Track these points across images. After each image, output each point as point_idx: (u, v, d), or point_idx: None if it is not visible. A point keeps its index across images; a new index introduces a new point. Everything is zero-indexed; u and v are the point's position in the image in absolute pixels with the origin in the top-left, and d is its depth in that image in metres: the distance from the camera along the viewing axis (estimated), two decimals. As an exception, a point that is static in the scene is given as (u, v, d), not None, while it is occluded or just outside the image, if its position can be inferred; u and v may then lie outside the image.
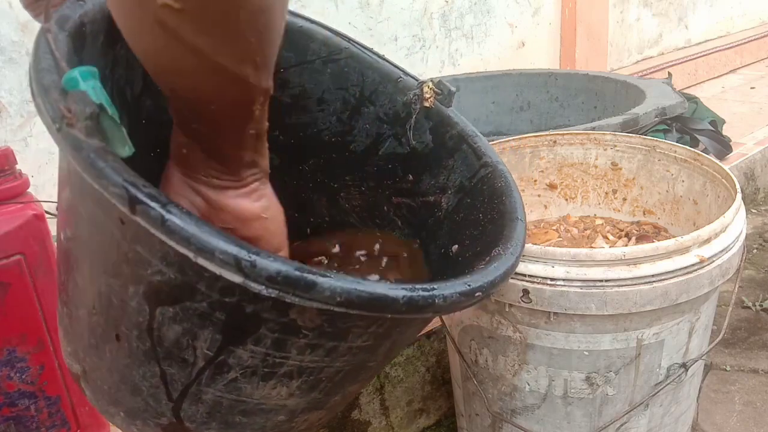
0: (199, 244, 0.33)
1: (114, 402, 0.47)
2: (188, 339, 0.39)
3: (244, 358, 0.40)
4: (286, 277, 0.34)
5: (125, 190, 0.33)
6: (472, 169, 0.60)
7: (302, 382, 0.43)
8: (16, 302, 0.75)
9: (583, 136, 1.10)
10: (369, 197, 0.66)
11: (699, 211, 0.99)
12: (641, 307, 0.73)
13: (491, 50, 2.12)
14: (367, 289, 0.36)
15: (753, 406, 1.21)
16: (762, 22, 3.33)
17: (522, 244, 0.51)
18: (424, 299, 0.38)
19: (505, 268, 0.46)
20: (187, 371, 0.41)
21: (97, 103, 0.34)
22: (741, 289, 1.58)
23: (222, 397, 0.42)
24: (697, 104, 1.79)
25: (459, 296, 0.41)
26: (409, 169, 0.63)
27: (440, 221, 0.61)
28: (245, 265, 0.33)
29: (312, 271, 0.35)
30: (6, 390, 0.77)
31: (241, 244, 0.34)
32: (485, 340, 0.85)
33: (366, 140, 0.64)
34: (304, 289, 0.34)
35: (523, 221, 0.53)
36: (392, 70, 0.63)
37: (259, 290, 0.34)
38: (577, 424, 0.84)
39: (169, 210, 0.33)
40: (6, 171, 0.76)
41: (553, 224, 1.12)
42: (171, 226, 0.33)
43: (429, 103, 0.62)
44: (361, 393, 1.07)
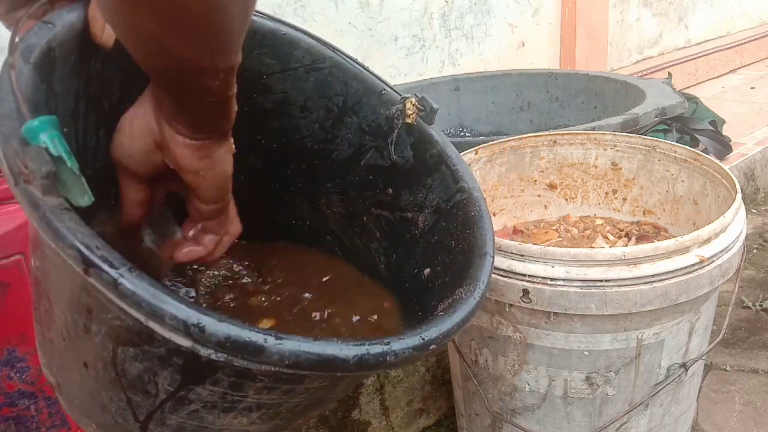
0: (150, 308, 0.34)
1: (86, 415, 0.48)
2: (149, 375, 0.40)
3: (204, 395, 0.41)
4: (234, 342, 0.35)
5: (79, 253, 0.34)
6: (449, 192, 0.60)
7: (262, 413, 0.44)
8: (16, 302, 0.75)
9: (583, 136, 1.10)
10: (350, 206, 0.66)
11: (699, 211, 0.99)
12: (641, 307, 0.73)
13: (491, 50, 2.12)
14: (316, 351, 0.36)
15: (753, 406, 1.21)
16: (762, 22, 3.33)
17: (486, 283, 0.51)
18: (375, 357, 0.38)
19: (463, 315, 0.46)
20: (150, 400, 0.42)
21: (56, 156, 0.35)
22: (741, 289, 1.58)
23: (185, 423, 0.43)
24: (697, 104, 1.79)
25: (411, 351, 0.41)
26: (389, 182, 0.63)
27: (416, 240, 0.61)
28: (194, 330, 0.34)
29: (262, 334, 0.35)
30: (6, 390, 0.77)
31: (192, 309, 0.34)
32: (485, 340, 0.85)
33: (348, 150, 0.64)
34: (252, 353, 0.35)
35: (492, 256, 0.54)
36: (376, 82, 0.63)
37: (208, 354, 0.35)
38: (577, 424, 0.84)
39: (121, 273, 0.34)
40: (6, 171, 0.76)
41: (553, 224, 1.12)
42: (123, 290, 0.34)
43: (411, 119, 0.61)
44: (361, 393, 1.07)
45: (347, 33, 1.69)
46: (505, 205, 1.13)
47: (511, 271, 0.76)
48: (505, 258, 0.77)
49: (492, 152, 1.07)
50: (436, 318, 0.45)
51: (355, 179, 0.64)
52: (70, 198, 0.36)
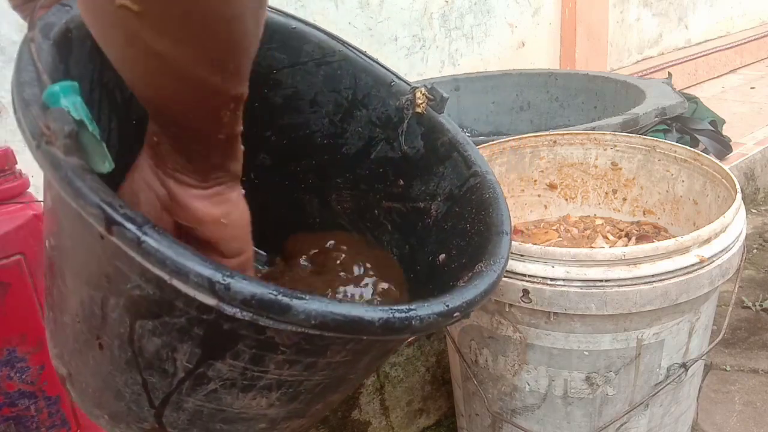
0: (174, 266, 0.33)
1: (98, 405, 0.48)
2: (168, 351, 0.40)
3: (224, 371, 0.40)
4: (260, 300, 0.34)
5: (102, 211, 0.33)
6: (461, 178, 0.60)
7: (282, 393, 0.43)
8: (16, 302, 0.75)
9: (583, 136, 1.10)
10: (360, 200, 0.65)
11: (699, 211, 0.99)
12: (641, 307, 0.73)
13: (491, 50, 2.12)
14: (341, 311, 0.36)
15: (753, 406, 1.21)
16: (762, 22, 3.33)
17: (506, 259, 0.50)
18: (400, 321, 0.38)
19: (486, 287, 0.46)
20: (167, 381, 0.41)
21: (77, 120, 0.34)
22: (741, 289, 1.58)
23: (203, 406, 0.43)
24: (697, 104, 1.79)
25: (437, 317, 0.40)
26: (401, 174, 0.63)
27: (429, 228, 0.61)
28: (219, 288, 0.34)
29: (287, 293, 0.35)
30: (6, 390, 0.77)
31: (216, 267, 0.34)
32: (485, 340, 0.85)
33: (358, 143, 0.64)
34: (278, 312, 0.35)
35: (509, 234, 0.53)
36: (385, 74, 0.63)
37: (233, 312, 0.34)
38: (577, 424, 0.84)
39: (145, 231, 0.33)
40: (6, 171, 0.76)
41: (553, 224, 1.12)
42: (146, 247, 0.33)
43: (421, 108, 0.62)
44: (361, 393, 1.07)
45: (347, 33, 1.69)
46: (505, 205, 1.13)
47: (511, 271, 0.76)
48: (505, 258, 0.77)
49: (492, 152, 1.07)
50: (459, 288, 0.45)
51: (365, 173, 0.64)
52: (90, 163, 0.35)
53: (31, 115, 0.35)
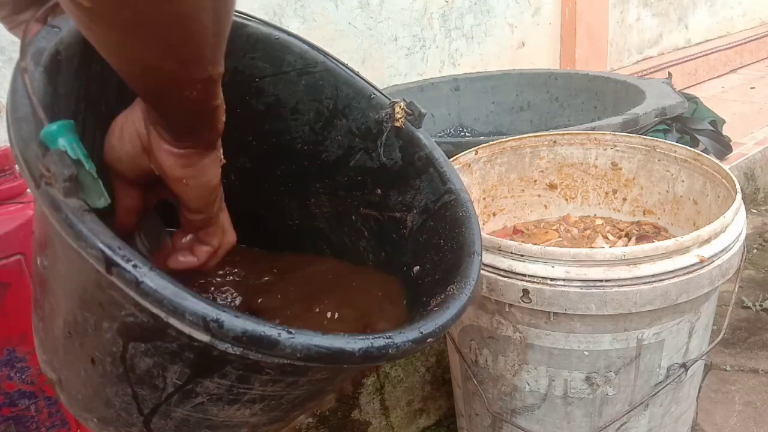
0: (171, 305, 0.36)
1: (88, 410, 0.50)
2: (159, 370, 0.42)
3: (211, 388, 0.43)
4: (251, 336, 0.37)
5: (102, 253, 0.35)
6: (437, 193, 0.62)
7: (264, 405, 0.46)
8: (16, 302, 0.75)
9: (583, 136, 1.10)
10: (338, 205, 0.67)
11: (699, 211, 0.99)
12: (641, 307, 0.73)
13: (491, 50, 2.12)
14: (325, 344, 0.39)
15: (753, 406, 1.21)
16: (762, 22, 3.33)
17: (476, 279, 0.53)
18: (378, 350, 0.41)
19: (457, 310, 0.49)
20: (157, 394, 0.44)
21: (75, 159, 0.36)
22: (741, 289, 1.58)
23: (190, 416, 0.45)
24: (697, 104, 1.79)
25: (411, 344, 0.43)
26: (378, 183, 0.65)
27: (405, 239, 0.63)
28: (213, 326, 0.36)
29: (275, 329, 0.37)
30: (6, 390, 0.77)
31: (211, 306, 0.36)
32: (485, 340, 0.85)
33: (338, 151, 0.66)
34: (267, 347, 0.37)
35: (480, 254, 0.56)
36: (366, 86, 0.64)
37: (225, 348, 0.37)
38: (577, 424, 0.84)
39: (143, 273, 0.35)
40: (6, 171, 0.76)
41: (553, 224, 1.12)
42: (144, 288, 0.35)
43: (399, 123, 0.63)
44: (361, 393, 1.07)
45: (347, 33, 1.69)
46: (505, 205, 1.13)
47: (511, 271, 0.76)
48: (505, 258, 0.77)
49: (492, 152, 1.07)
50: (432, 313, 0.48)
51: (344, 180, 0.66)
52: (87, 200, 0.37)
53: (32, 154, 0.37)
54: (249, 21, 0.59)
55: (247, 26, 0.59)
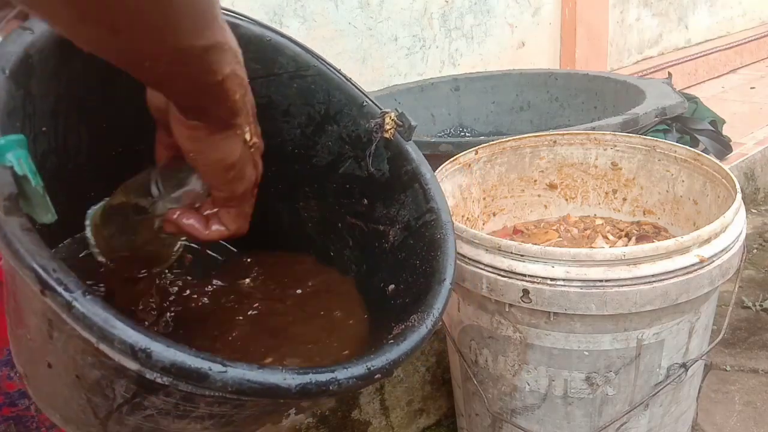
0: (101, 332, 0.36)
1: (51, 406, 0.51)
2: (107, 382, 0.42)
3: (158, 404, 0.43)
4: (179, 368, 0.37)
5: (36, 274, 0.36)
6: (419, 211, 0.61)
7: (215, 421, 0.45)
8: (16, 302, 0.75)
9: (583, 136, 1.10)
10: (326, 211, 0.67)
11: (699, 211, 0.99)
12: (641, 307, 0.73)
13: (491, 50, 2.12)
14: (258, 379, 0.38)
15: (753, 406, 1.21)
16: (762, 22, 3.33)
17: (441, 309, 0.52)
18: (317, 386, 0.40)
19: (412, 345, 0.47)
20: (108, 403, 0.44)
21: (21, 176, 0.36)
22: (741, 289, 1.58)
23: (142, 424, 0.45)
24: (697, 104, 1.79)
25: (356, 380, 0.42)
26: (365, 193, 0.64)
27: (386, 253, 0.62)
28: (141, 355, 0.36)
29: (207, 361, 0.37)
30: (6, 390, 0.77)
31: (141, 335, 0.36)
32: (485, 340, 0.85)
33: (327, 157, 0.65)
34: (196, 380, 0.37)
35: (450, 282, 0.55)
36: (358, 94, 0.64)
37: (154, 377, 0.37)
38: (577, 424, 0.84)
39: (75, 297, 0.35)
40: (6, 171, 0.76)
41: (553, 224, 1.12)
42: (75, 312, 0.36)
43: (389, 134, 0.62)
44: (361, 393, 1.07)
45: (347, 33, 1.69)
46: (505, 205, 1.13)
47: (511, 271, 0.76)
48: (505, 258, 0.77)
49: (492, 152, 1.07)
50: (385, 346, 0.46)
51: (332, 186, 0.66)
52: (34, 216, 0.37)
53: None
54: (241, 21, 0.59)
55: (238, 26, 0.58)
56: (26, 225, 0.37)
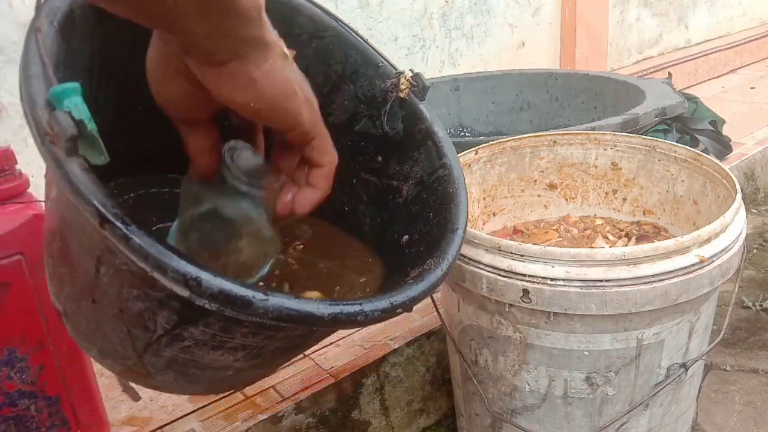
0: (155, 262, 0.39)
1: (89, 341, 0.54)
2: (149, 314, 0.45)
3: (196, 334, 0.46)
4: (226, 295, 0.40)
5: (96, 210, 0.39)
6: (432, 167, 0.64)
7: (246, 353, 0.49)
8: (16, 302, 0.75)
9: (583, 136, 1.10)
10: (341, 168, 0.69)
11: (699, 211, 0.99)
12: (641, 307, 0.73)
13: (491, 50, 2.12)
14: (296, 307, 0.42)
15: (753, 406, 1.21)
16: (762, 22, 3.33)
17: (454, 256, 0.55)
18: (347, 316, 0.44)
19: (429, 285, 0.51)
20: (148, 335, 0.47)
21: (78, 121, 0.39)
22: (741, 289, 1.58)
23: (178, 356, 0.49)
24: (697, 104, 1.79)
25: (380, 312, 0.46)
26: (380, 150, 0.66)
27: (399, 207, 0.65)
28: (192, 283, 0.39)
29: (251, 290, 0.40)
30: (6, 390, 0.77)
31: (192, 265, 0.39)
32: (485, 340, 0.85)
33: (343, 116, 0.67)
34: (241, 306, 0.40)
35: (462, 231, 0.58)
36: (374, 54, 0.66)
37: (202, 304, 0.40)
38: (577, 424, 0.84)
39: (132, 231, 0.39)
40: (6, 171, 0.76)
41: (553, 224, 1.12)
42: (132, 244, 0.39)
43: (404, 94, 0.65)
44: (361, 393, 1.07)
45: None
46: (505, 205, 1.13)
47: (511, 271, 0.76)
48: (505, 258, 0.77)
49: (492, 152, 1.07)
50: (405, 285, 0.50)
51: (348, 144, 0.67)
52: (88, 158, 0.40)
53: (37, 112, 0.40)
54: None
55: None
56: (85, 165, 0.40)
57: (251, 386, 1.03)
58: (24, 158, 0.81)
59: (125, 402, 1.02)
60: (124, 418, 0.98)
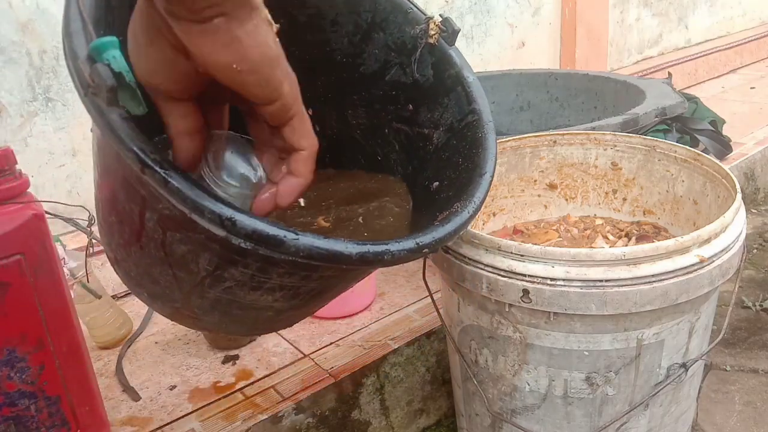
0: (193, 204, 0.41)
1: (139, 285, 0.57)
2: (192, 256, 0.48)
3: (236, 275, 0.48)
4: (259, 235, 0.42)
5: (136, 156, 0.41)
6: (462, 113, 0.64)
7: (284, 293, 0.51)
8: (16, 302, 0.75)
9: (583, 136, 1.10)
10: (373, 118, 0.70)
11: (699, 211, 0.99)
12: (641, 307, 0.73)
13: (491, 50, 2.12)
14: (325, 246, 0.44)
15: (753, 406, 1.21)
16: (762, 22, 3.33)
17: (481, 199, 0.57)
18: (374, 255, 0.46)
19: (456, 226, 0.53)
20: (192, 277, 0.50)
21: (116, 72, 0.40)
22: (741, 289, 1.58)
23: (221, 297, 0.51)
24: (697, 104, 1.79)
25: (406, 252, 0.48)
26: (410, 99, 0.67)
27: (430, 155, 0.66)
28: (227, 224, 0.41)
29: (282, 230, 0.42)
30: (6, 390, 0.77)
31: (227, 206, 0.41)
32: (485, 340, 0.85)
33: (374, 65, 0.68)
34: (274, 245, 0.43)
35: (490, 175, 0.59)
36: (403, 1, 0.66)
37: (239, 243, 0.42)
38: (577, 424, 0.84)
39: (170, 175, 0.41)
40: (6, 171, 0.76)
41: (553, 224, 1.12)
42: (171, 187, 0.41)
43: (433, 39, 0.65)
44: (361, 393, 1.07)
45: None
46: (505, 205, 1.13)
47: (511, 271, 0.76)
48: (505, 258, 0.77)
49: (492, 152, 1.07)
50: (432, 227, 0.52)
51: (379, 93, 0.68)
52: (128, 108, 0.42)
53: (79, 66, 0.42)
54: None
55: None
56: (125, 115, 0.41)
57: (251, 386, 1.03)
58: (24, 158, 0.81)
59: (125, 402, 1.02)
60: (124, 418, 0.99)
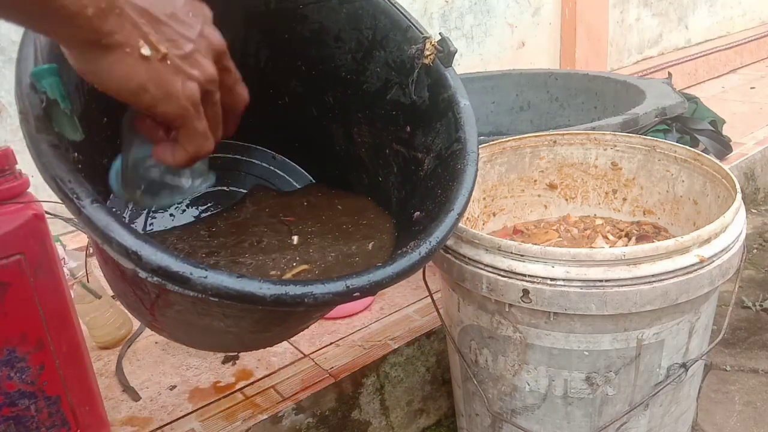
0: (102, 234, 0.41)
1: (118, 296, 0.58)
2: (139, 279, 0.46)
3: (179, 300, 0.48)
4: (165, 270, 0.41)
5: (56, 184, 0.42)
6: (450, 140, 0.63)
7: (232, 321, 0.50)
8: (16, 302, 0.75)
9: (583, 136, 1.10)
10: (376, 137, 0.70)
11: (699, 211, 0.99)
12: (641, 307, 0.73)
13: (491, 50, 2.12)
14: (235, 286, 0.42)
15: (753, 406, 1.21)
16: (762, 22, 3.33)
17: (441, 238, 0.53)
18: (292, 298, 0.44)
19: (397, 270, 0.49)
20: (147, 297, 0.50)
21: (51, 100, 0.41)
22: (741, 289, 1.58)
23: (177, 318, 0.51)
24: (697, 104, 1.79)
25: (332, 296, 0.45)
26: (408, 120, 0.67)
27: (420, 180, 0.65)
28: (133, 257, 0.41)
29: (189, 266, 0.41)
30: (6, 390, 0.77)
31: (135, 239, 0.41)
32: (485, 340, 0.85)
33: (377, 83, 0.68)
34: (180, 282, 0.42)
35: (457, 213, 0.56)
36: (402, 18, 0.66)
37: (146, 277, 0.42)
38: (577, 424, 0.84)
39: (83, 205, 0.41)
40: (6, 171, 0.76)
41: (553, 224, 1.12)
42: (83, 218, 0.41)
43: (429, 60, 0.64)
44: (361, 393, 1.07)
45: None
46: (505, 205, 1.13)
47: (511, 271, 0.76)
48: (505, 258, 0.77)
49: (492, 152, 1.07)
50: (372, 268, 0.49)
51: (381, 112, 0.69)
52: (64, 133, 0.43)
53: (19, 91, 0.43)
54: None
55: None
56: (53, 141, 0.42)
57: (251, 386, 1.03)
58: (24, 158, 0.81)
59: (125, 402, 1.02)
60: (124, 418, 0.98)
